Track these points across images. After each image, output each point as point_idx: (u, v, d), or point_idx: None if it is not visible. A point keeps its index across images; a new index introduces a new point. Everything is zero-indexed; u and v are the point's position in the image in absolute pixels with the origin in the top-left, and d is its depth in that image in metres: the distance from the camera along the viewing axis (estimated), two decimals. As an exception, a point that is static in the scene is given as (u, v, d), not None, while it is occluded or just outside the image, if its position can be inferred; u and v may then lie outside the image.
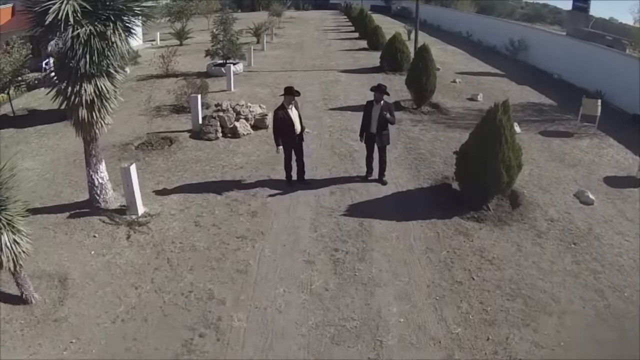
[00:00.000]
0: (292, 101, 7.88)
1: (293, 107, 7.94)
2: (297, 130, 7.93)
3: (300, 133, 8.07)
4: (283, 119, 7.78)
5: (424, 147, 10.23)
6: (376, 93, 7.95)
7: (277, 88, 15.35)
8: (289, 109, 7.86)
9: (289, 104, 7.87)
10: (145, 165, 9.40)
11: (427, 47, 12.57)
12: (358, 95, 14.57)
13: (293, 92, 7.84)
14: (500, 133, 7.31)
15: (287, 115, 7.79)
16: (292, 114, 7.87)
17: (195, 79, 17.10)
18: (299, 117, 8.08)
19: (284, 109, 7.85)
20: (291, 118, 7.81)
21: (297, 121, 7.94)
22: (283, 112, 7.81)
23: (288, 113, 7.82)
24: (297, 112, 8.01)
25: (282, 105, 7.90)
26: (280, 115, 7.79)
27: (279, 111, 7.85)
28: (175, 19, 30.52)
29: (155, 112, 12.95)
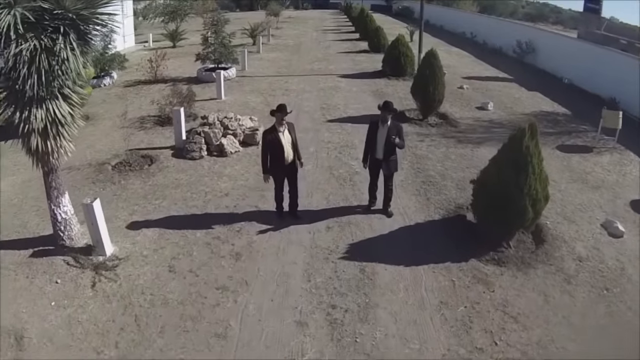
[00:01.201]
0: (284, 122, 6.75)
1: (286, 130, 6.77)
2: (288, 158, 6.81)
3: (292, 162, 6.92)
4: (272, 144, 6.68)
5: (433, 167, 9.16)
6: (382, 112, 6.84)
7: (272, 96, 14.29)
8: (280, 132, 6.74)
9: (280, 125, 6.74)
10: (120, 189, 8.36)
11: (435, 53, 11.49)
12: (359, 103, 13.50)
13: (285, 110, 6.70)
14: (527, 162, 6.25)
15: (277, 140, 6.66)
16: (284, 138, 6.72)
17: (185, 84, 16.13)
18: (293, 143, 6.86)
19: (274, 131, 6.73)
20: (282, 143, 6.68)
21: (289, 147, 6.78)
22: (273, 135, 6.69)
23: (278, 137, 6.68)
24: (290, 137, 6.80)
25: (273, 127, 6.79)
26: (269, 139, 6.69)
27: (267, 134, 6.76)
28: (169, 19, 29.40)
29: (138, 124, 11.90)
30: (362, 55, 22.07)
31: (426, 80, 11.36)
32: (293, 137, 6.83)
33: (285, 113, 6.65)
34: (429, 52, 11.53)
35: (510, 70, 19.31)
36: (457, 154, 9.91)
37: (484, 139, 10.99)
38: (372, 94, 14.61)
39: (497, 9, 47.67)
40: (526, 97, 15.39)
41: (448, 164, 9.33)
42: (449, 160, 9.51)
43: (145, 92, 15.39)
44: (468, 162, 9.46)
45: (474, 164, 9.43)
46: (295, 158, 6.91)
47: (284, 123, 6.73)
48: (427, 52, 11.57)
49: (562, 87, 16.87)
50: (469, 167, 9.26)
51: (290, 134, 6.79)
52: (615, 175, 9.46)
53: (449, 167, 9.18)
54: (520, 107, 14.04)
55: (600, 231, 7.42)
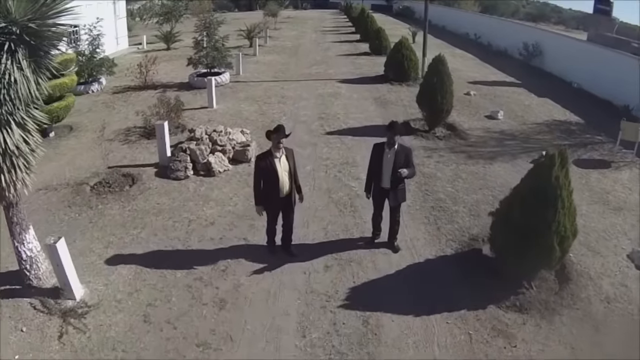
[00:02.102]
0: (281, 146, 5.77)
1: (283, 156, 5.81)
2: (283, 189, 5.86)
3: (289, 194, 5.96)
4: (266, 172, 5.76)
5: (442, 189, 8.31)
6: (388, 134, 5.95)
7: (267, 104, 13.44)
8: (276, 158, 5.78)
9: (277, 150, 5.78)
10: (97, 216, 7.53)
11: (443, 59, 10.62)
12: (360, 112, 12.64)
13: (283, 132, 5.72)
14: (556, 195, 5.41)
15: (272, 167, 5.72)
16: (280, 165, 5.77)
17: (176, 90, 15.28)
18: (291, 173, 5.88)
19: (269, 157, 5.78)
20: (277, 171, 5.73)
21: (285, 177, 5.82)
22: (267, 161, 5.75)
23: (274, 164, 5.74)
24: (288, 165, 5.83)
25: (268, 152, 5.84)
26: (263, 166, 5.76)
27: (261, 160, 5.81)
28: (164, 20, 28.46)
29: (123, 137, 11.07)
30: (363, 58, 21.21)
31: (433, 88, 10.50)
32: (291, 165, 5.86)
33: (283, 136, 5.70)
34: (436, 58, 10.66)
35: (517, 74, 18.49)
36: (469, 172, 9.06)
37: (496, 153, 10.15)
38: (374, 101, 13.75)
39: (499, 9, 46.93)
40: (536, 104, 14.57)
41: (459, 185, 8.48)
42: (459, 180, 8.66)
43: (133, 99, 14.56)
44: (481, 182, 8.62)
45: (488, 184, 8.59)
46: (292, 190, 5.97)
47: (282, 148, 5.79)
48: (435, 58, 10.70)
49: (571, 92, 16.08)
50: (482, 187, 8.43)
51: (288, 162, 5.83)
52: (637, 194, 8.66)
53: (460, 189, 8.33)
54: (532, 115, 13.21)
55: (627, 264, 6.64)
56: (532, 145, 10.87)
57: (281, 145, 5.73)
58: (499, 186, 8.54)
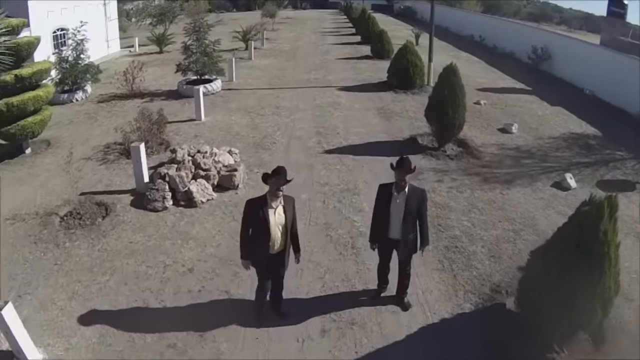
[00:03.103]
0: (280, 194, 4.61)
1: (280, 206, 4.67)
2: (274, 245, 4.71)
3: (282, 251, 4.82)
4: (256, 223, 4.63)
5: (457, 222, 7.26)
6: (398, 174, 4.85)
7: (260, 115, 12.39)
8: (271, 208, 4.62)
9: (274, 199, 4.62)
10: (64, 256, 6.55)
11: (455, 68, 9.57)
12: (362, 126, 11.59)
13: (283, 177, 4.56)
14: (603, 253, 4.40)
15: (263, 219, 4.58)
16: (274, 217, 4.62)
17: (164, 99, 14.24)
18: (287, 228, 4.72)
19: (263, 205, 4.62)
20: (269, 225, 4.58)
21: (277, 232, 4.68)
22: (260, 210, 4.60)
23: (267, 215, 4.58)
24: (284, 217, 4.68)
25: (263, 198, 4.68)
26: (253, 216, 4.62)
27: (252, 206, 4.65)
28: (157, 21, 27.36)
29: (101, 155, 10.05)
30: (364, 62, 20.14)
31: (444, 101, 9.45)
32: (288, 218, 4.69)
33: (283, 182, 4.54)
34: (448, 67, 9.60)
35: (527, 80, 17.49)
36: (485, 200, 8.02)
37: (513, 175, 9.12)
38: (377, 112, 12.70)
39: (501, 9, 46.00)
40: (550, 114, 13.56)
41: (475, 217, 7.44)
42: (476, 211, 7.62)
43: (118, 109, 13.54)
44: (499, 214, 7.59)
45: (507, 215, 7.56)
46: (286, 246, 4.82)
47: (280, 196, 4.64)
48: (446, 68, 9.63)
49: (584, 100, 15.11)
50: (501, 220, 7.40)
51: (285, 214, 4.67)
52: (671, 224, 7.68)
53: (476, 222, 7.29)
54: (547, 128, 12.20)
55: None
56: (551, 165, 9.86)
57: (280, 193, 4.58)
58: (519, 218, 7.53)
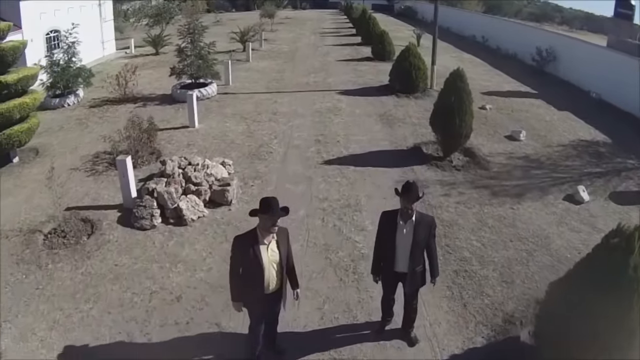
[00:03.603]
0: (273, 228, 3.97)
1: (273, 242, 4.08)
2: (269, 286, 4.14)
3: (279, 289, 4.26)
4: (247, 262, 4.03)
5: (466, 242, 6.77)
6: (404, 201, 4.31)
7: (256, 122, 11.90)
8: (264, 245, 4.02)
9: (266, 235, 4.01)
10: (46, 279, 6.12)
11: (462, 74, 9.07)
12: (363, 133, 11.09)
13: (275, 211, 3.91)
14: (632, 290, 3.92)
15: (255, 258, 3.98)
16: (267, 254, 4.03)
17: (156, 104, 13.73)
18: (282, 265, 4.15)
19: (253, 242, 4.01)
20: (262, 264, 4.00)
21: (273, 271, 4.10)
22: (251, 249, 3.99)
23: (258, 253, 3.98)
24: (278, 253, 4.11)
25: (253, 234, 4.07)
26: (243, 255, 4.03)
27: (241, 244, 4.07)
28: (153, 22, 26.84)
29: (89, 166, 9.59)
30: (365, 64, 19.63)
31: (451, 109, 8.94)
32: (283, 254, 4.13)
33: (276, 216, 3.91)
34: (454, 72, 9.10)
35: (532, 83, 17.00)
36: (495, 216, 7.53)
37: (523, 188, 8.63)
38: (379, 118, 12.20)
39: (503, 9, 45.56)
40: (557, 119, 13.07)
41: (485, 236, 6.94)
42: (485, 229, 7.13)
43: (110, 114, 13.07)
44: (510, 232, 7.10)
45: (519, 233, 7.08)
46: (283, 283, 4.26)
47: (274, 231, 4.02)
48: (453, 73, 9.13)
49: (591, 104, 14.60)
50: (512, 239, 6.91)
51: (279, 249, 4.10)
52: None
53: (487, 242, 6.80)
54: (555, 134, 11.71)
55: None
56: (562, 175, 9.38)
57: (275, 229, 3.96)
58: (531, 236, 7.04)
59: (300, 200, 7.76)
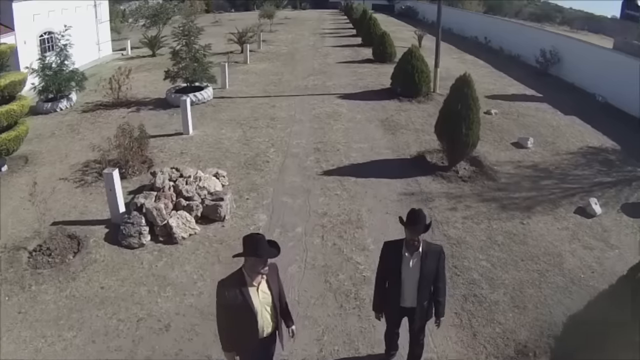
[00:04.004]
0: (264, 269, 3.47)
1: (263, 280, 3.56)
2: (264, 330, 3.63)
3: (274, 333, 3.78)
4: (237, 307, 3.46)
5: (475, 264, 6.35)
6: (409, 231, 3.88)
7: (253, 128, 11.48)
8: (252, 286, 3.50)
9: (254, 276, 3.50)
10: (29, 302, 5.76)
11: (469, 80, 8.66)
12: (364, 140, 10.68)
13: (263, 251, 3.39)
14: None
15: (244, 303, 3.46)
16: (258, 297, 3.52)
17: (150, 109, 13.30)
18: (276, 301, 3.66)
19: (240, 286, 3.48)
20: (253, 309, 3.48)
21: (266, 314, 3.60)
22: (238, 294, 3.45)
23: (248, 297, 3.46)
24: (271, 293, 3.61)
25: (239, 275, 3.53)
26: (231, 302, 3.44)
27: (226, 289, 3.47)
28: (150, 23, 26.38)
29: (79, 175, 9.19)
30: (366, 66, 19.21)
31: (457, 117, 8.53)
32: (275, 293, 3.63)
33: (266, 259, 3.42)
34: (461, 78, 8.68)
35: (536, 86, 16.57)
36: (504, 232, 7.12)
37: (532, 200, 8.23)
38: (381, 124, 11.78)
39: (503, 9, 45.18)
40: (564, 124, 12.65)
41: (495, 255, 6.54)
42: (495, 247, 6.72)
43: (103, 120, 12.67)
44: (521, 250, 6.69)
45: (530, 251, 6.67)
46: (278, 324, 3.76)
47: (264, 272, 3.50)
48: (460, 78, 8.72)
49: (597, 108, 14.20)
50: (523, 258, 6.51)
51: (270, 289, 3.60)
52: None
53: (497, 262, 6.39)
54: (563, 141, 11.31)
55: None
56: (572, 186, 8.98)
57: (264, 269, 3.45)
58: (543, 254, 6.64)
59: (298, 215, 7.34)
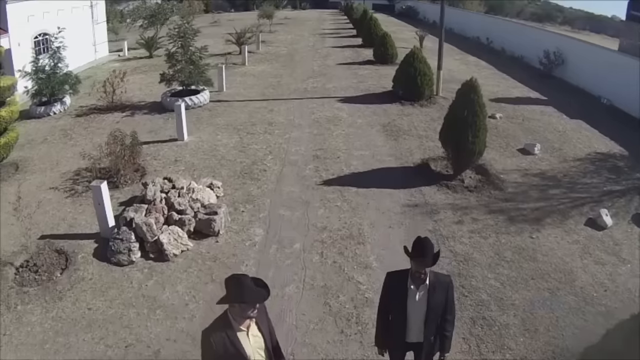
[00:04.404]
0: (253, 313, 3.03)
1: (253, 325, 3.12)
2: None
3: None
4: (227, 357, 3.00)
5: (484, 283, 6.00)
6: (416, 263, 3.51)
7: (250, 134, 11.12)
8: (241, 331, 3.05)
9: (242, 321, 3.06)
10: (14, 324, 5.45)
11: (476, 85, 8.31)
12: (366, 147, 10.31)
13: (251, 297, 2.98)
14: None
15: (236, 349, 3.01)
16: (249, 342, 3.07)
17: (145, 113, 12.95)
18: (269, 343, 3.23)
19: (228, 330, 3.02)
20: (245, 355, 3.03)
21: (256, 357, 3.11)
22: (226, 342, 2.99)
23: (237, 344, 3.01)
24: (262, 337, 3.18)
25: (224, 320, 3.07)
26: (219, 349, 2.97)
27: (212, 340, 2.99)
28: (148, 24, 26.00)
29: (69, 185, 8.86)
30: (367, 67, 18.85)
31: (463, 124, 8.17)
32: (266, 335, 3.21)
33: (253, 302, 2.99)
34: (467, 83, 8.32)
35: (540, 88, 16.23)
36: (513, 247, 6.77)
37: (541, 211, 7.88)
38: (383, 129, 11.42)
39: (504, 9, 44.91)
40: (571, 129, 12.30)
41: (504, 273, 6.19)
42: (504, 264, 6.37)
43: (96, 124, 12.33)
44: (531, 267, 6.34)
45: (540, 268, 6.33)
46: None
47: (253, 316, 3.07)
48: (466, 84, 8.36)
49: (603, 111, 13.88)
50: (534, 276, 6.16)
51: (261, 331, 3.17)
52: None
53: (506, 280, 6.04)
54: (570, 146, 10.97)
55: None
56: (581, 195, 8.64)
57: (253, 313, 3.02)
58: (554, 271, 6.31)
59: (297, 229, 6.98)
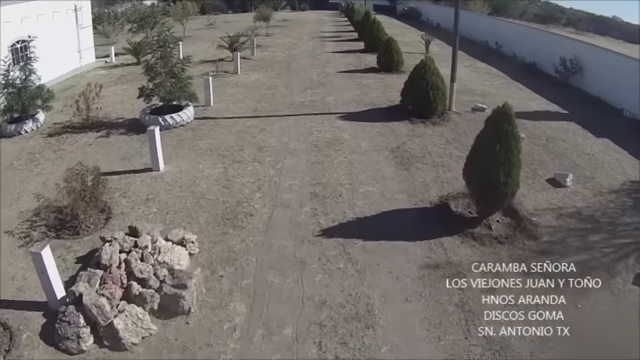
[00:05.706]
0: None
1: None
2: None
3: None
4: None
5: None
6: None
7: (237, 162, 9.69)
8: None
9: None
10: None
11: (510, 113, 6.89)
12: (372, 181, 8.82)
13: None
14: None
15: None
16: None
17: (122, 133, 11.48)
18: None
19: None
20: None
21: None
22: None
23: None
24: None
25: None
26: None
27: None
28: (137, 28, 24.55)
29: (25, 229, 7.48)
30: (370, 76, 17.37)
31: (495, 161, 6.73)
32: None
33: None
34: (500, 110, 6.87)
35: (559, 99, 14.78)
36: (557, 323, 5.33)
37: (583, 267, 6.43)
38: (392, 155, 9.92)
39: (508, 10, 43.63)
40: (599, 150, 10.90)
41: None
42: (548, 352, 4.95)
43: (68, 146, 11.00)
44: (585, 355, 4.92)
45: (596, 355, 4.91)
46: None
47: None
48: (497, 110, 6.92)
49: (627, 126, 12.59)
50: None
51: None
52: None
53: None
54: (603, 174, 9.60)
55: None
56: (624, 241, 7.28)
57: None
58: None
59: (288, 304, 5.53)
